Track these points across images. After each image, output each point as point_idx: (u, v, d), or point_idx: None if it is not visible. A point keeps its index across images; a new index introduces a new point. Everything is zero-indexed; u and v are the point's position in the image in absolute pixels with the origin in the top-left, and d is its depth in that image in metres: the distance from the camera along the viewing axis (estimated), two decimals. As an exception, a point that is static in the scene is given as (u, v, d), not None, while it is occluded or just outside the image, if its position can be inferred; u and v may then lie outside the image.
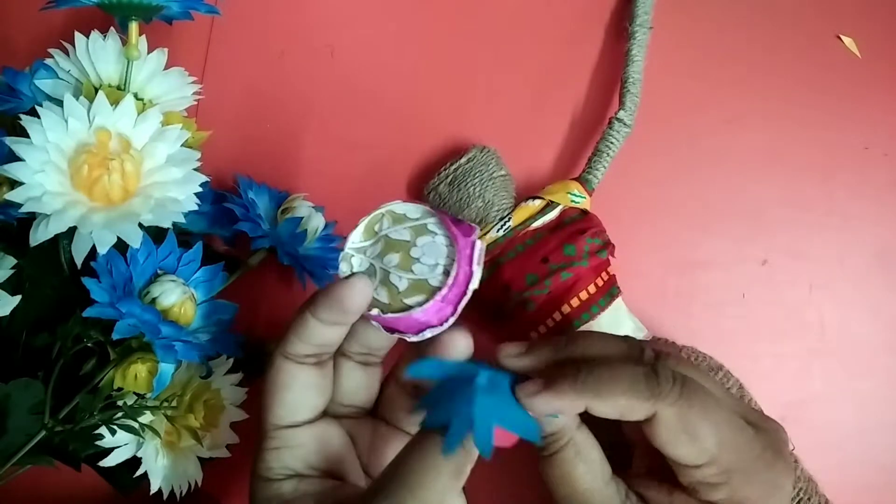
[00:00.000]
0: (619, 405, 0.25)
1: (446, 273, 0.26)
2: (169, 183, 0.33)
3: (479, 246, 0.27)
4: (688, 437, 0.25)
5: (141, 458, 0.33)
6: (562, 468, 0.27)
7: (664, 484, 0.28)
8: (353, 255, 0.28)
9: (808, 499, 0.36)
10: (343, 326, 0.27)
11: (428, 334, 0.27)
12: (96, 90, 0.33)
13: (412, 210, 0.28)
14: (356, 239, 0.28)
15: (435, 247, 0.27)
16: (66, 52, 0.35)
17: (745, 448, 0.27)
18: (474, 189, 0.39)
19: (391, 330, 0.27)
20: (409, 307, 0.26)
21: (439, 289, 0.26)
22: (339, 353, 0.29)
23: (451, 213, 0.40)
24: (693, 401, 0.26)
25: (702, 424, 0.25)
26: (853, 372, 0.42)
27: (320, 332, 0.26)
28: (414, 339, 0.27)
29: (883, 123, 0.44)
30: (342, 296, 0.25)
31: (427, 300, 0.26)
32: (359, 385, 0.30)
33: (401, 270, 0.27)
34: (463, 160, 0.39)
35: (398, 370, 0.31)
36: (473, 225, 0.27)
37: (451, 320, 0.27)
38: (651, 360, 0.27)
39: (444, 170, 0.40)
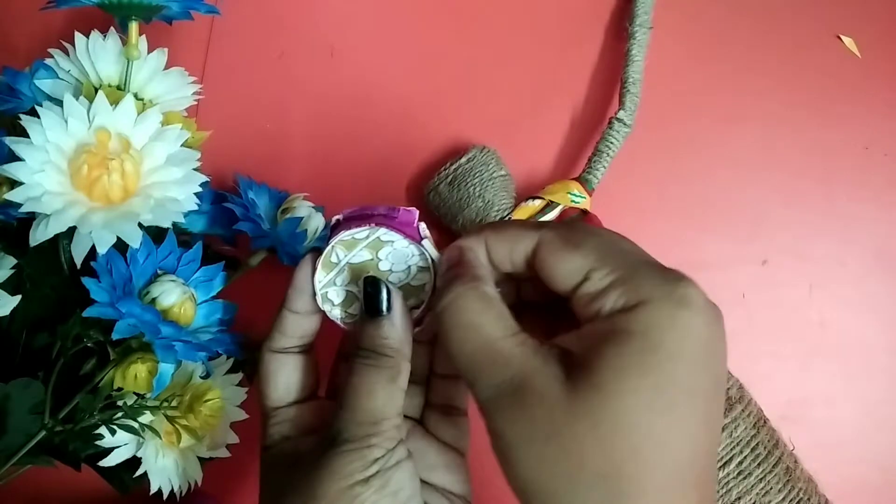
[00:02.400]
0: (509, 234, 0.26)
1: (421, 269, 0.28)
2: (169, 183, 0.33)
3: (423, 228, 0.28)
4: (568, 248, 0.25)
5: (141, 458, 0.33)
6: (468, 314, 0.25)
7: (572, 328, 0.25)
8: (327, 292, 0.29)
9: (808, 499, 0.36)
10: (315, 315, 0.29)
11: (426, 320, 0.29)
12: (96, 90, 0.33)
13: (357, 233, 0.28)
14: (321, 278, 0.28)
15: (398, 253, 0.28)
16: (66, 52, 0.35)
17: (633, 255, 0.25)
18: (474, 189, 0.39)
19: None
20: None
21: (423, 286, 0.28)
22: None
23: (446, 210, 0.40)
24: (574, 227, 0.26)
25: (582, 237, 0.25)
26: (853, 372, 0.42)
27: (297, 323, 0.29)
28: (417, 329, 0.29)
29: (883, 123, 0.44)
30: (301, 279, 0.28)
31: (423, 301, 0.28)
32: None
33: (351, 287, 0.28)
34: (463, 160, 0.39)
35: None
36: (409, 209, 0.28)
37: None
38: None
39: (444, 170, 0.40)
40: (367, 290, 0.27)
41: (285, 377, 0.29)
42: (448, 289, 0.25)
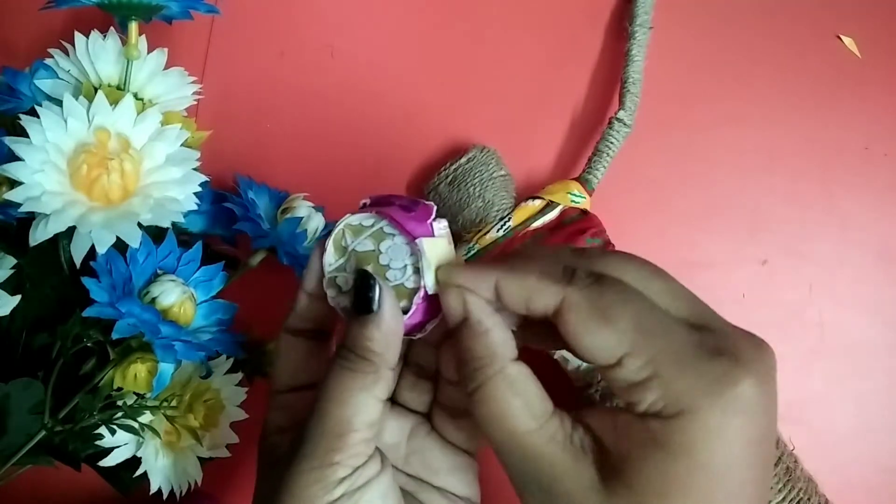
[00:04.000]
0: (528, 284, 0.24)
1: (417, 271, 0.26)
2: (168, 183, 0.33)
3: (439, 227, 0.26)
4: (599, 321, 0.22)
5: (141, 457, 0.33)
6: (493, 405, 0.23)
7: (607, 409, 0.24)
8: (336, 277, 0.27)
9: (808, 499, 0.36)
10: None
11: (429, 328, 0.27)
12: (96, 90, 0.33)
13: (365, 219, 0.27)
14: (331, 261, 0.27)
15: (397, 248, 0.26)
16: (66, 52, 0.35)
17: (674, 334, 0.22)
18: (474, 189, 0.39)
19: None
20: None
21: (416, 290, 0.26)
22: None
23: (445, 210, 0.39)
24: (607, 288, 0.23)
25: (616, 308, 0.22)
26: (853, 372, 0.42)
27: (310, 304, 0.28)
28: (419, 335, 0.27)
29: (883, 123, 0.44)
30: (310, 258, 0.27)
31: (409, 306, 0.26)
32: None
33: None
34: (463, 160, 0.39)
35: None
36: (428, 204, 0.26)
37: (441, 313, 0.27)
38: (574, 257, 0.25)
39: (444, 170, 0.40)
40: (357, 284, 0.25)
41: (293, 360, 0.28)
42: (470, 370, 0.24)
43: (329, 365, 0.25)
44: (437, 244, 0.26)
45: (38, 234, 0.29)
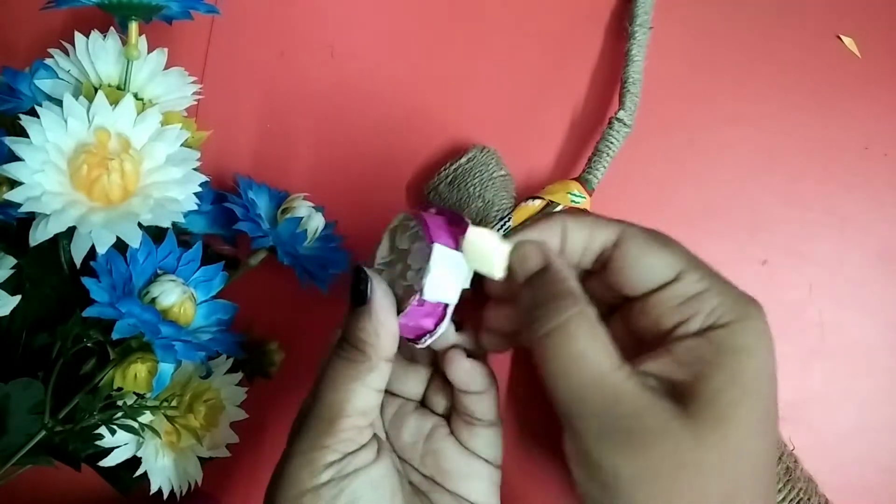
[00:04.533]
0: (591, 223, 0.26)
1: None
2: (168, 183, 0.33)
3: (472, 235, 0.26)
4: (656, 243, 0.25)
5: (141, 457, 0.33)
6: (574, 344, 0.23)
7: (660, 350, 0.25)
8: (382, 271, 0.28)
9: (808, 499, 0.36)
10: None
11: (427, 340, 0.27)
12: (96, 90, 0.33)
13: (408, 219, 0.28)
14: (383, 253, 0.28)
15: (420, 252, 0.27)
16: (66, 52, 0.35)
17: (710, 266, 0.26)
18: (474, 189, 0.39)
19: (405, 338, 0.27)
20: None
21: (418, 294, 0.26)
22: None
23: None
24: (653, 230, 0.26)
25: (667, 239, 0.25)
26: (853, 372, 0.42)
27: None
28: (420, 345, 0.27)
29: (883, 123, 0.44)
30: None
31: (408, 307, 0.26)
32: None
33: (401, 279, 0.27)
34: (463, 160, 0.39)
35: None
36: (466, 221, 0.26)
37: (444, 323, 0.27)
38: None
39: (444, 170, 0.40)
40: (352, 277, 0.26)
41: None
42: (550, 310, 0.23)
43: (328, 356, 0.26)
44: (452, 256, 0.26)
45: (38, 234, 0.29)
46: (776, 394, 0.24)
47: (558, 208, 0.38)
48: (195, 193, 0.33)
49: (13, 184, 0.30)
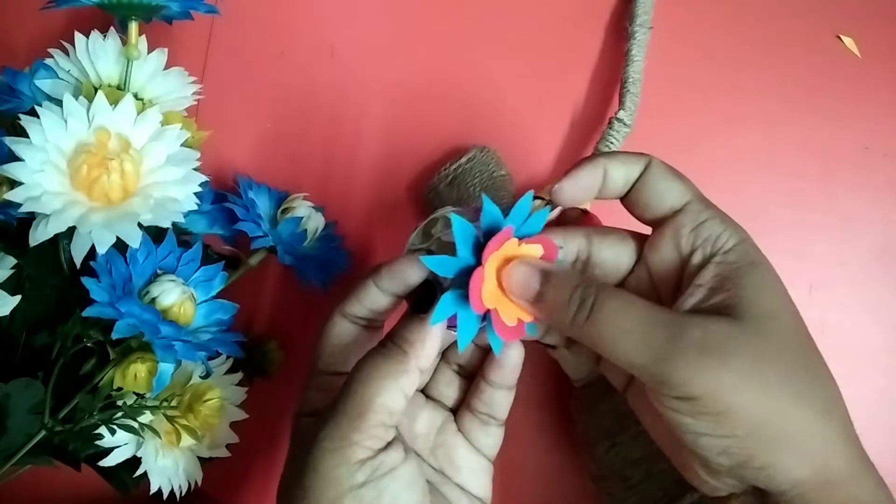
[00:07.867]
0: (623, 156, 0.29)
1: None
2: (168, 183, 0.33)
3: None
4: (674, 175, 0.29)
5: (141, 457, 0.33)
6: (619, 315, 0.25)
7: (685, 289, 0.27)
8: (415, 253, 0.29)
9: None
10: (394, 297, 0.29)
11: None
12: (96, 90, 0.33)
13: (457, 211, 0.28)
14: (414, 242, 0.29)
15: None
16: (66, 52, 0.35)
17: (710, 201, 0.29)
18: (474, 189, 0.39)
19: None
20: None
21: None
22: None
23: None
24: (671, 167, 0.30)
25: (682, 175, 0.29)
26: (853, 372, 0.42)
27: (377, 298, 0.29)
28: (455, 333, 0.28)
29: (883, 123, 0.44)
30: (403, 269, 0.28)
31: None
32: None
33: None
34: (463, 160, 0.39)
35: None
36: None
37: None
38: None
39: (444, 170, 0.40)
40: (424, 288, 0.27)
41: (341, 343, 0.29)
42: (579, 297, 0.26)
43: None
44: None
45: (38, 234, 0.29)
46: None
47: (555, 211, 0.38)
48: (195, 193, 0.33)
49: (13, 184, 0.30)
